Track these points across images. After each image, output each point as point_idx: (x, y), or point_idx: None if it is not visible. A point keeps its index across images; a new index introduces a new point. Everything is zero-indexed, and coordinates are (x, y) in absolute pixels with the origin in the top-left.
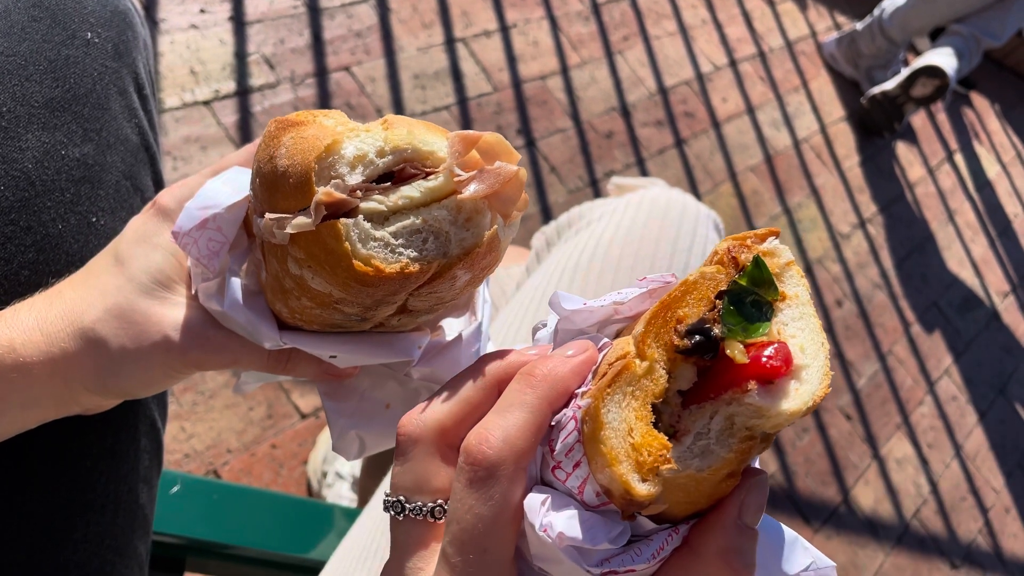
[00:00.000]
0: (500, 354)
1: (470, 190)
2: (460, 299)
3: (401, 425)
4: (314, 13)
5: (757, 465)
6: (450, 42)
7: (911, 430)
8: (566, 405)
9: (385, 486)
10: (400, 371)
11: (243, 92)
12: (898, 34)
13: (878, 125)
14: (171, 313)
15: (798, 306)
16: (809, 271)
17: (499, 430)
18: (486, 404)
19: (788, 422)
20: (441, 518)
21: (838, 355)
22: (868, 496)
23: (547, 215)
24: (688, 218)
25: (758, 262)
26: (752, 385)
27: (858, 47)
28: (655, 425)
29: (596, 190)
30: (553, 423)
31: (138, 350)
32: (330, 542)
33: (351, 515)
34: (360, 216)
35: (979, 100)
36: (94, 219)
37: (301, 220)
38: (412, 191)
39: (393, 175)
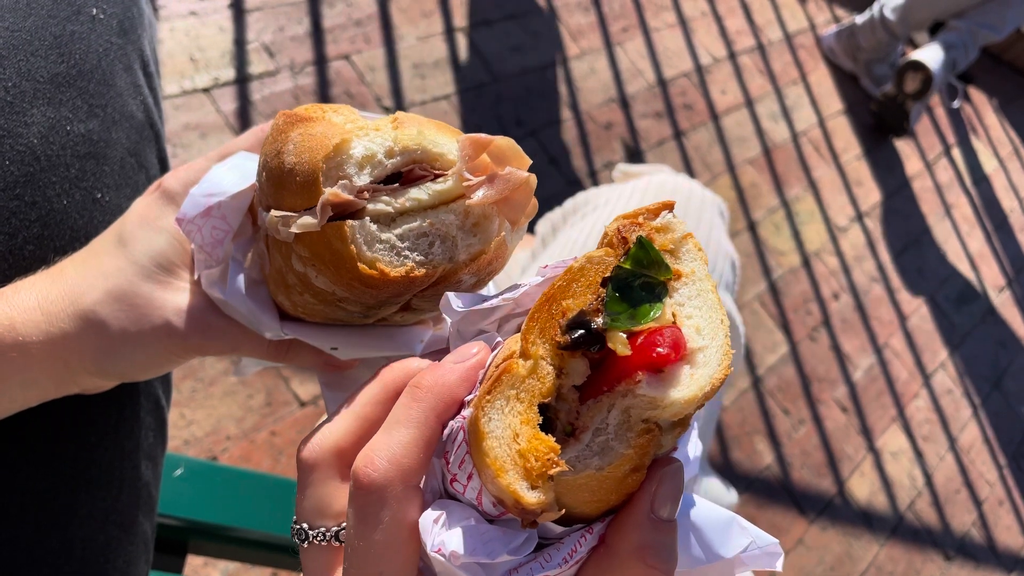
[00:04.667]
0: (398, 364)
1: (479, 195)
2: None
3: (299, 451)
4: (314, 1)
5: (691, 449)
6: (450, 31)
7: (906, 423)
8: (457, 414)
9: None
10: None
11: (242, 80)
12: (898, 27)
13: (892, 127)
14: (173, 298)
15: (695, 282)
16: (806, 264)
17: (384, 450)
18: (383, 419)
19: (686, 411)
20: None
21: (834, 348)
22: (863, 488)
23: (546, 206)
24: (694, 203)
25: (641, 242)
26: (641, 376)
27: (857, 41)
28: (549, 426)
29: (595, 181)
30: (445, 435)
31: (139, 333)
32: None
33: None
34: (367, 218)
35: (977, 95)
36: (99, 195)
37: (306, 220)
38: (420, 193)
39: (401, 175)
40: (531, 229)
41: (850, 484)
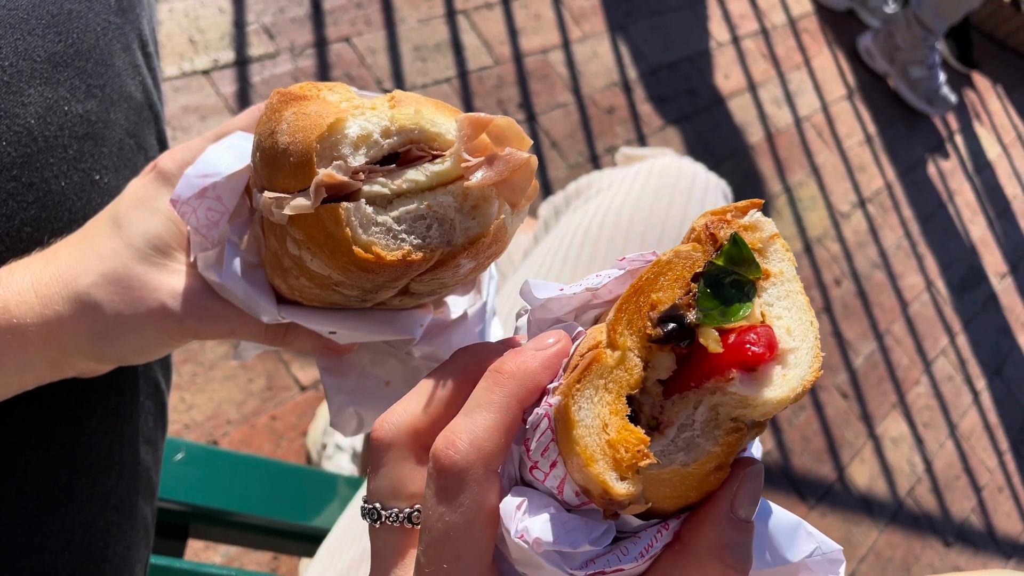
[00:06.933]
0: (473, 348)
1: (478, 177)
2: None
3: (374, 430)
4: None
5: (755, 451)
6: (451, 14)
7: (907, 409)
8: (539, 402)
9: None
10: (401, 349)
11: (242, 62)
12: (931, 22)
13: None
14: (168, 280)
15: (783, 283)
16: (808, 250)
17: (466, 433)
18: (460, 402)
19: (776, 411)
20: (419, 524)
21: (836, 334)
22: (863, 474)
23: (547, 190)
24: (698, 187)
25: (735, 239)
26: (734, 374)
27: (895, 40)
28: (634, 418)
29: (597, 165)
30: (527, 421)
31: (134, 317)
32: (332, 511)
33: (354, 484)
34: (362, 200)
35: (981, 80)
36: (97, 177)
37: (300, 202)
38: (417, 175)
39: (398, 156)
40: (533, 213)
41: (850, 470)
